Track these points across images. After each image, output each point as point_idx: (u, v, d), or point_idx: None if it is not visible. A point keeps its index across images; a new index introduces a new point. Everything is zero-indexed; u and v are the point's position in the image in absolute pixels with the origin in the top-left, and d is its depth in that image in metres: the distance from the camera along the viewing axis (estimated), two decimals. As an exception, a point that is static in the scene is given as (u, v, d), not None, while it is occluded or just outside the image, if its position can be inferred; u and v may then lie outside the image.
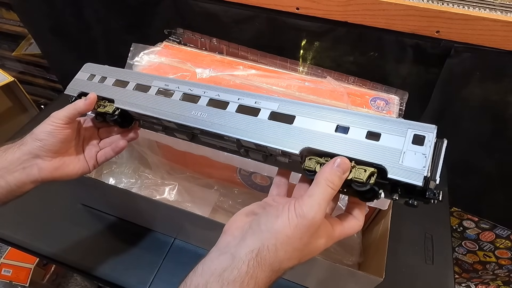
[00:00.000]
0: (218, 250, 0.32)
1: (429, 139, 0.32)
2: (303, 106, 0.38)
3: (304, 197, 0.31)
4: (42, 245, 0.67)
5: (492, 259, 1.06)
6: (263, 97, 0.40)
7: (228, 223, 0.35)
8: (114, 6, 0.91)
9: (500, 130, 0.78)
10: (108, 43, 1.02)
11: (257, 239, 0.31)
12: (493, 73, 0.70)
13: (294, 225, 0.30)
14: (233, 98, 0.42)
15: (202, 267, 0.31)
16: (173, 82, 0.46)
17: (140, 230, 0.70)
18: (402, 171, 0.31)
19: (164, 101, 0.45)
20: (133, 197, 0.60)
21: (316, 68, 0.66)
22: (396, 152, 0.32)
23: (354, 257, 0.65)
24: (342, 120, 0.35)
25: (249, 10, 0.78)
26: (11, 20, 1.37)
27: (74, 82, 0.52)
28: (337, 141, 0.34)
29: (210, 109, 0.42)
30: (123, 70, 0.51)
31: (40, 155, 0.43)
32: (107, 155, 0.49)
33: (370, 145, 0.33)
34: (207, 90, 0.43)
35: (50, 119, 0.44)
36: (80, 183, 0.67)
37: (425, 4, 0.66)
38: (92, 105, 0.47)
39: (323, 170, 0.32)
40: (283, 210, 0.31)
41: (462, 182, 0.89)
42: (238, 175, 0.67)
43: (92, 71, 0.52)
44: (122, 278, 0.63)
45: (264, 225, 0.31)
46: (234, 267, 0.29)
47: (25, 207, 0.73)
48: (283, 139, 0.36)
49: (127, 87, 0.48)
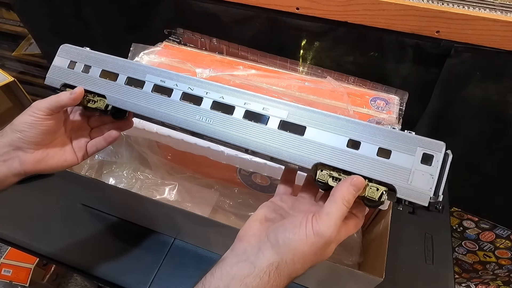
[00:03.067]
0: (235, 256, 0.34)
1: (437, 158, 0.33)
2: (314, 115, 0.37)
3: (322, 215, 0.32)
4: (42, 245, 0.67)
5: (492, 259, 1.06)
6: (270, 101, 0.39)
7: (242, 230, 0.36)
8: (114, 6, 0.91)
9: (500, 130, 0.78)
10: (108, 43, 1.01)
11: (276, 254, 0.32)
12: (493, 73, 0.70)
13: (311, 243, 0.32)
14: (239, 102, 0.39)
15: (221, 271, 0.32)
16: (169, 78, 0.43)
17: (140, 230, 0.70)
18: (410, 192, 0.33)
19: (163, 101, 0.42)
20: (133, 197, 0.60)
21: (316, 68, 0.66)
22: (406, 171, 0.34)
23: (354, 257, 0.65)
24: (353, 133, 0.35)
25: (249, 10, 0.78)
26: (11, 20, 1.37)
27: (53, 71, 0.47)
28: (349, 157, 0.35)
29: (215, 114, 0.40)
30: (106, 56, 0.46)
31: (21, 147, 0.40)
32: (99, 145, 0.47)
33: (381, 162, 0.34)
34: (209, 90, 0.41)
35: (30, 109, 0.40)
36: (80, 183, 0.67)
37: (425, 4, 0.66)
38: (78, 100, 0.43)
39: (340, 188, 0.33)
40: (300, 227, 0.33)
41: (462, 182, 0.89)
42: (238, 175, 0.67)
43: (72, 57, 0.46)
44: (122, 278, 0.63)
45: (282, 240, 0.33)
46: (256, 276, 0.31)
47: (25, 207, 0.73)
48: (295, 152, 0.37)
49: (118, 81, 0.44)
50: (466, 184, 0.90)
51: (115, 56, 0.45)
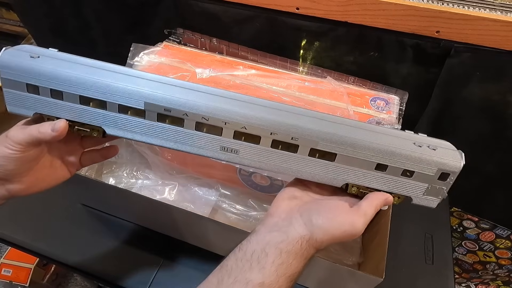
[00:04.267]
0: (266, 228, 0.37)
1: (452, 176, 0.38)
2: (344, 141, 0.37)
3: (360, 212, 0.37)
4: (42, 245, 0.67)
5: (492, 259, 1.06)
6: (298, 128, 0.36)
7: (272, 207, 0.40)
8: (114, 6, 0.91)
9: (500, 130, 0.78)
10: (108, 43, 1.01)
11: (307, 230, 0.36)
12: (493, 73, 0.70)
13: (343, 230, 0.36)
14: (264, 133, 0.36)
15: (256, 238, 0.36)
16: (174, 104, 0.35)
17: (140, 230, 0.70)
18: (423, 200, 0.40)
19: (177, 131, 0.37)
20: (133, 197, 0.60)
21: (316, 68, 0.66)
22: (423, 186, 0.39)
23: (354, 257, 0.65)
24: (382, 158, 0.38)
25: (249, 10, 0.77)
26: (11, 20, 1.37)
27: (11, 96, 0.36)
28: (376, 178, 0.39)
29: (239, 143, 0.38)
30: (70, 71, 0.35)
31: (5, 179, 0.37)
32: (95, 159, 0.45)
33: (404, 181, 0.39)
34: (228, 119, 0.36)
35: (7, 141, 0.35)
36: (80, 183, 0.67)
37: (425, 4, 0.66)
38: (62, 135, 0.36)
39: (376, 197, 0.38)
40: (335, 214, 0.37)
41: (462, 182, 0.88)
42: (238, 175, 0.67)
43: (25, 78, 0.35)
44: (122, 278, 0.63)
45: (315, 220, 0.36)
46: (289, 243, 0.35)
47: (25, 207, 0.73)
48: (325, 175, 0.39)
49: (109, 109, 0.36)
50: (466, 184, 0.90)
51: (77, 63, 0.36)
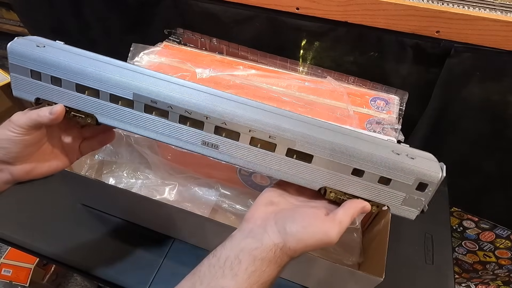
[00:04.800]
0: (242, 233, 0.37)
1: (431, 188, 0.36)
2: (322, 145, 0.37)
3: (336, 221, 0.36)
4: (42, 245, 0.67)
5: (492, 259, 1.06)
6: (278, 126, 0.37)
7: (249, 213, 0.39)
8: (114, 6, 0.91)
9: (500, 130, 0.78)
10: (108, 43, 1.01)
11: (281, 238, 0.35)
12: (493, 73, 0.70)
13: (317, 239, 0.35)
14: (243, 129, 0.37)
15: (231, 243, 0.36)
16: (161, 97, 0.37)
17: (140, 230, 0.70)
18: (401, 211, 0.39)
19: (161, 124, 0.39)
20: (133, 197, 0.60)
21: (316, 68, 0.66)
22: (401, 196, 0.38)
23: (354, 257, 0.65)
24: (359, 163, 0.37)
25: (249, 10, 0.78)
26: (11, 20, 1.38)
27: (17, 82, 0.40)
28: (353, 183, 0.38)
29: (219, 139, 0.38)
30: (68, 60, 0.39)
31: (7, 161, 0.39)
32: (93, 147, 0.46)
33: (380, 189, 0.38)
34: (210, 114, 0.37)
35: (10, 125, 0.38)
36: (80, 183, 0.67)
37: (425, 4, 0.66)
38: (60, 119, 0.39)
39: (354, 206, 0.38)
40: (309, 223, 0.36)
41: (462, 182, 0.89)
42: (238, 175, 0.67)
43: (30, 65, 0.39)
44: (122, 278, 0.63)
45: (289, 229, 0.35)
46: (263, 250, 0.34)
47: (25, 207, 0.73)
48: (302, 177, 0.39)
49: (101, 98, 0.39)
50: (466, 184, 0.90)
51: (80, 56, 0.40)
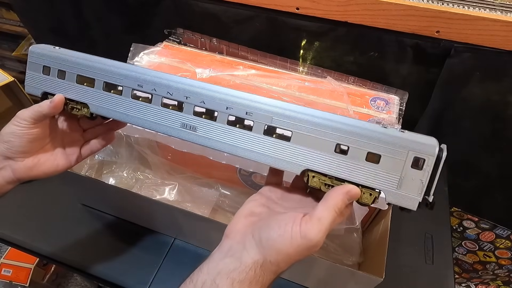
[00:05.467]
0: (221, 252, 0.33)
1: (429, 163, 0.32)
2: (300, 116, 0.35)
3: (313, 219, 0.31)
4: (42, 245, 0.67)
5: (492, 259, 1.06)
6: (254, 105, 0.36)
7: (229, 227, 0.36)
8: (114, 6, 0.91)
9: (500, 130, 0.78)
10: (108, 43, 1.02)
11: (259, 253, 0.32)
12: (493, 73, 0.70)
13: (297, 245, 0.31)
14: (221, 107, 0.37)
15: (208, 266, 0.33)
16: (146, 82, 0.40)
17: (140, 230, 0.70)
18: (398, 197, 0.33)
19: (144, 108, 0.40)
20: (133, 197, 0.60)
21: (316, 68, 0.66)
22: (395, 177, 0.33)
23: (354, 257, 0.65)
24: (342, 137, 0.34)
25: (249, 10, 0.78)
26: (11, 20, 1.37)
27: (30, 78, 0.45)
28: (338, 162, 0.34)
29: (198, 120, 0.38)
30: (77, 57, 0.43)
31: (10, 157, 0.41)
32: (94, 148, 0.47)
33: (370, 168, 0.33)
34: (190, 95, 0.38)
35: (15, 119, 0.40)
36: (80, 183, 0.67)
37: (425, 4, 0.66)
38: (59, 109, 0.42)
39: (335, 195, 0.33)
40: (285, 228, 0.32)
41: (462, 182, 0.89)
42: (238, 175, 0.67)
43: (44, 61, 0.44)
44: (122, 278, 0.63)
45: (265, 241, 0.32)
46: (242, 271, 0.31)
47: (25, 207, 0.73)
48: (282, 159, 0.36)
49: (96, 87, 0.42)
50: (466, 184, 0.90)
51: (87, 55, 0.43)
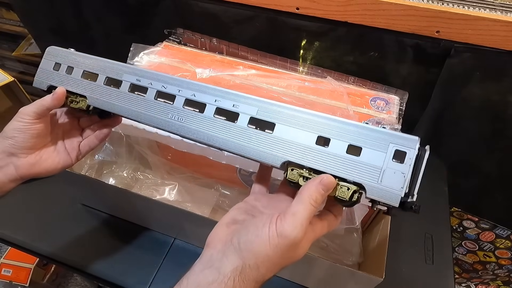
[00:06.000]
0: (201, 264, 0.32)
1: (410, 156, 0.31)
2: (283, 111, 0.36)
3: (287, 215, 0.31)
4: (42, 245, 0.67)
5: (492, 259, 1.06)
6: (241, 98, 0.38)
7: (210, 236, 0.35)
8: (114, 6, 0.91)
9: (500, 130, 0.78)
10: (108, 43, 1.02)
11: (238, 258, 0.31)
12: (493, 73, 0.70)
13: (275, 245, 0.30)
14: (210, 100, 0.39)
15: (187, 280, 0.31)
16: (145, 76, 0.43)
17: (140, 230, 0.70)
18: (380, 191, 0.31)
19: (138, 101, 0.42)
20: (133, 197, 0.60)
21: (316, 68, 0.66)
22: (376, 170, 0.32)
23: (354, 257, 0.65)
24: (323, 130, 0.34)
25: (249, 10, 0.78)
26: (11, 20, 1.37)
27: (41, 73, 0.48)
28: (318, 155, 0.34)
29: (187, 112, 0.40)
30: (89, 58, 0.46)
31: (14, 153, 0.41)
32: (91, 144, 0.48)
33: (350, 160, 0.33)
34: (182, 88, 0.41)
35: (18, 115, 0.42)
36: (80, 183, 0.67)
37: (425, 4, 0.66)
38: (60, 100, 0.44)
39: (308, 187, 0.32)
40: (263, 229, 0.31)
41: (462, 182, 0.89)
42: (238, 175, 0.67)
43: (57, 58, 0.47)
44: (122, 278, 0.63)
45: (243, 244, 0.31)
46: (221, 282, 0.30)
47: (25, 207, 0.73)
48: (264, 151, 0.36)
49: (98, 81, 0.45)
50: (466, 184, 0.90)
51: (98, 57, 0.46)
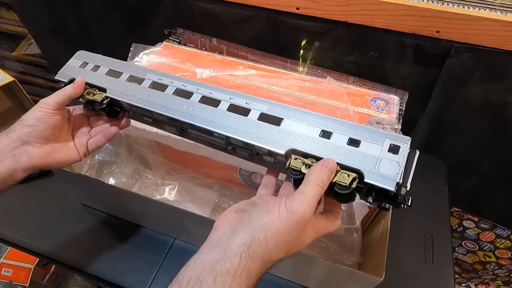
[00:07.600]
0: (208, 245, 0.34)
1: (403, 149, 0.35)
2: (291, 110, 0.40)
3: (296, 194, 0.33)
4: (42, 245, 0.67)
5: (492, 259, 1.06)
6: (254, 98, 0.42)
7: (218, 220, 0.36)
8: (114, 6, 0.91)
9: (500, 130, 0.78)
10: (108, 43, 1.02)
11: (248, 233, 0.32)
12: (493, 73, 0.70)
13: (284, 219, 0.31)
14: (225, 97, 0.43)
15: (194, 261, 0.32)
16: (167, 77, 0.47)
17: (140, 230, 0.70)
18: (377, 177, 0.34)
19: (157, 95, 0.45)
20: (133, 197, 0.60)
21: (316, 68, 0.66)
22: (373, 158, 0.35)
23: (354, 257, 0.65)
24: (326, 126, 0.38)
25: (249, 10, 0.78)
26: (11, 20, 1.37)
27: (66, 68, 0.52)
28: (321, 145, 0.37)
29: (202, 106, 0.43)
30: (117, 60, 0.51)
31: (30, 142, 0.43)
32: (98, 142, 0.49)
33: (350, 150, 0.36)
34: (200, 87, 0.45)
35: (39, 105, 0.43)
36: (80, 183, 0.67)
37: (425, 4, 0.66)
38: (80, 89, 0.46)
39: (313, 169, 0.34)
40: (273, 205, 0.33)
41: (462, 182, 0.89)
42: (238, 175, 0.67)
43: (85, 59, 0.52)
44: (122, 278, 0.63)
45: (255, 218, 0.33)
46: (227, 260, 0.30)
47: (25, 207, 0.73)
48: (270, 139, 0.39)
49: (120, 78, 0.49)
50: (466, 184, 0.90)
51: (125, 62, 0.50)
